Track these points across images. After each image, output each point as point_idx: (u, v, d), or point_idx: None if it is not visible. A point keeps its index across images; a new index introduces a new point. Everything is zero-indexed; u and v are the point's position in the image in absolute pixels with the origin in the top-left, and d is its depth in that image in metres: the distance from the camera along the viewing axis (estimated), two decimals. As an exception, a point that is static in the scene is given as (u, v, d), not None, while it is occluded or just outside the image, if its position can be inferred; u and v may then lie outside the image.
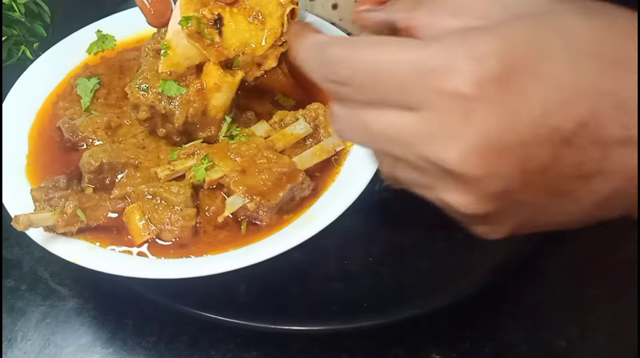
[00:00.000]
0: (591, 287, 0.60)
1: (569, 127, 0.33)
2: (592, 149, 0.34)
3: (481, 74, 0.33)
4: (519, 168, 0.34)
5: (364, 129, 0.38)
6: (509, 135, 0.34)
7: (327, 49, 0.37)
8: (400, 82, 0.36)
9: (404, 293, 0.58)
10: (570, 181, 0.35)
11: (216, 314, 0.55)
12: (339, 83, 0.38)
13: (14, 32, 0.66)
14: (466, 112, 0.34)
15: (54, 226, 0.51)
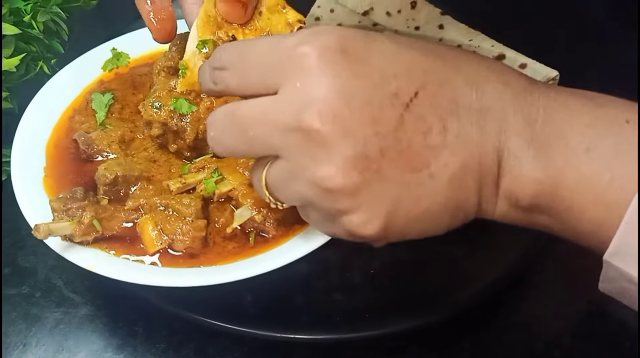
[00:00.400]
0: (584, 301, 0.63)
1: (406, 93, 0.39)
2: (432, 118, 0.40)
3: (323, 43, 0.39)
4: (371, 128, 0.39)
5: (235, 120, 0.42)
6: (355, 93, 0.39)
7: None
8: (261, 58, 0.41)
9: (404, 304, 0.60)
10: (421, 152, 0.40)
11: (223, 322, 0.57)
12: (217, 68, 0.44)
13: (33, 49, 0.68)
14: (317, 77, 0.39)
15: (71, 235, 0.53)
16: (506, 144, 0.41)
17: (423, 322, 0.59)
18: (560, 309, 0.62)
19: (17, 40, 0.66)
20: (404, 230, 0.42)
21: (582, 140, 0.41)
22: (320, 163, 0.39)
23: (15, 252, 0.66)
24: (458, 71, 0.42)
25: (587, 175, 0.40)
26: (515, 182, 0.42)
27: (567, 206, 0.42)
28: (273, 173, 0.42)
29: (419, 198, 0.41)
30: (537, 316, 0.62)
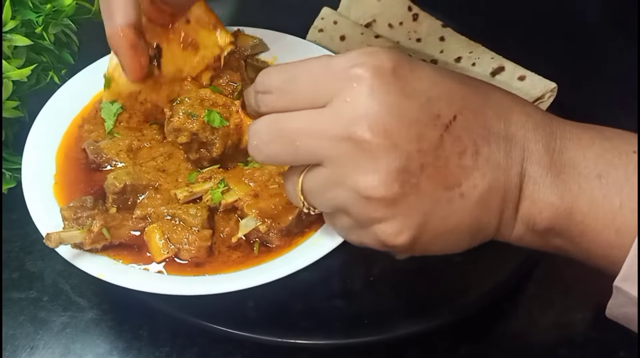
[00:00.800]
0: (580, 310, 0.64)
1: (446, 115, 0.42)
2: (467, 141, 0.43)
3: (376, 64, 0.42)
4: (415, 145, 0.42)
5: (281, 130, 0.44)
6: (404, 111, 0.41)
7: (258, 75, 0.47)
8: (311, 77, 0.43)
9: (403, 311, 0.61)
10: (456, 171, 0.42)
11: (226, 327, 0.59)
12: (262, 92, 0.46)
13: (44, 59, 0.70)
14: (369, 93, 0.41)
15: (81, 243, 0.55)
16: (527, 171, 0.45)
17: (422, 328, 0.60)
18: (558, 318, 0.64)
19: (29, 51, 0.68)
20: (430, 244, 0.45)
21: (594, 168, 0.44)
22: (365, 172, 0.42)
23: (24, 257, 0.68)
24: (488, 101, 0.45)
25: (599, 200, 0.44)
26: (533, 206, 0.45)
27: (581, 230, 0.45)
28: (312, 179, 0.44)
29: (448, 215, 0.43)
30: (534, 324, 0.64)
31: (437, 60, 0.83)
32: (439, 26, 0.85)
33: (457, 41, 0.83)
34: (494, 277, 0.63)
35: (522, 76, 0.78)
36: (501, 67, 0.79)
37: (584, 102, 0.82)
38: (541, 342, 0.63)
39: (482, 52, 0.81)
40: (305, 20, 0.86)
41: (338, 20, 0.86)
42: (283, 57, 0.75)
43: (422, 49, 0.84)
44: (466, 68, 0.80)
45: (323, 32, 0.86)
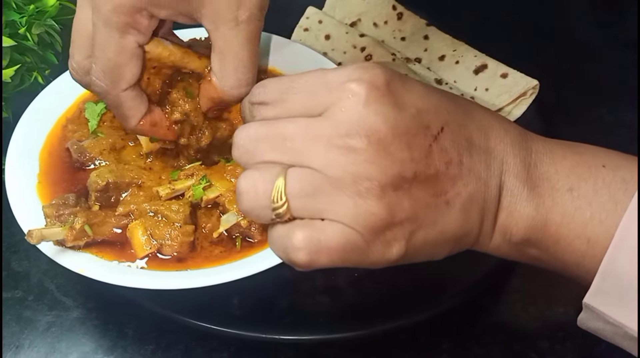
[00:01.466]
0: (562, 305, 0.65)
1: (435, 127, 0.44)
2: (452, 152, 0.45)
3: (371, 79, 0.43)
4: (408, 153, 0.43)
5: (273, 131, 0.44)
6: (397, 121, 0.43)
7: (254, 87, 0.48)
8: (307, 89, 0.44)
9: (385, 306, 0.62)
10: (443, 179, 0.44)
11: (211, 324, 0.59)
12: (257, 103, 0.47)
13: (27, 60, 0.70)
14: (365, 104, 0.43)
15: (63, 240, 0.55)
16: (505, 184, 0.47)
17: (405, 323, 0.61)
18: (538, 312, 0.65)
19: (13, 52, 0.68)
20: (417, 251, 0.46)
21: (566, 182, 0.47)
22: (360, 179, 0.42)
23: (9, 256, 0.68)
24: (471, 116, 0.47)
25: (571, 212, 0.46)
26: (510, 218, 0.47)
27: (555, 240, 0.47)
28: (301, 181, 0.43)
29: (435, 221, 0.45)
30: (515, 318, 0.65)
31: (421, 59, 0.83)
32: (423, 25, 0.86)
33: (441, 39, 0.84)
34: (477, 272, 0.64)
35: (504, 74, 0.79)
36: (484, 65, 0.80)
37: (566, 100, 0.83)
38: (523, 335, 0.63)
39: (465, 51, 0.82)
40: (291, 20, 0.87)
41: (323, 20, 0.87)
42: (266, 56, 0.76)
43: (406, 48, 0.85)
44: (450, 66, 0.81)
45: (308, 31, 0.86)
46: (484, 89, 0.79)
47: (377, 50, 0.82)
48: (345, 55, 0.84)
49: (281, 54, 0.76)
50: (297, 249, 0.43)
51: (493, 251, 0.49)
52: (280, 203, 0.43)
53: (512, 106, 0.78)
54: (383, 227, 0.43)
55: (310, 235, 0.43)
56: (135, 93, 0.55)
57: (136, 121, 0.56)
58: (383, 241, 0.44)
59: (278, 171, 0.43)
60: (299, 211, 0.43)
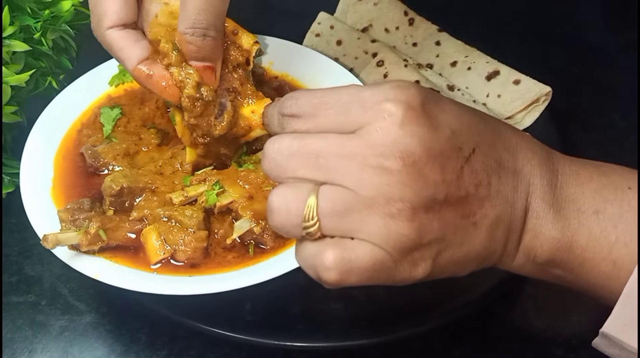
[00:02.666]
0: (576, 313, 0.64)
1: (467, 148, 0.44)
2: (482, 174, 0.45)
3: (407, 100, 0.43)
4: (440, 175, 0.43)
5: (306, 146, 0.44)
6: (432, 143, 0.43)
7: (284, 97, 0.47)
8: (341, 106, 0.44)
9: (398, 314, 0.62)
10: (472, 201, 0.44)
11: (223, 330, 0.59)
12: (288, 115, 0.46)
13: (42, 65, 0.71)
14: (401, 125, 0.43)
15: (78, 245, 0.55)
16: (532, 205, 0.47)
17: (418, 330, 0.61)
18: (552, 320, 0.64)
19: (27, 57, 0.68)
20: (442, 270, 0.46)
21: (592, 204, 0.47)
22: (393, 200, 0.42)
23: (23, 261, 0.68)
24: (499, 136, 0.47)
25: (597, 235, 0.47)
26: (535, 239, 0.47)
27: (580, 262, 0.47)
28: (333, 199, 0.43)
29: (462, 242, 0.45)
30: (529, 326, 0.64)
31: (432, 64, 0.83)
32: (434, 31, 0.86)
33: (452, 45, 0.84)
34: (490, 279, 0.63)
35: (517, 80, 0.78)
36: (496, 71, 0.80)
37: (577, 106, 0.82)
38: (536, 343, 0.63)
39: (477, 57, 0.82)
40: (302, 26, 0.87)
41: (335, 25, 0.87)
42: (279, 62, 0.76)
43: (418, 53, 0.84)
44: (462, 72, 0.81)
45: (320, 36, 0.87)
46: (496, 95, 0.79)
47: (389, 56, 0.81)
48: (356, 60, 0.84)
49: (293, 59, 0.76)
50: (328, 269, 0.43)
51: (516, 270, 0.49)
52: (312, 223, 0.43)
53: (524, 112, 0.78)
54: (412, 248, 0.43)
55: (341, 255, 0.43)
56: (123, 33, 0.55)
57: (131, 63, 0.56)
58: (410, 260, 0.44)
59: (310, 189, 0.43)
60: (329, 230, 0.43)
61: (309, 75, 0.75)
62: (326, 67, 0.75)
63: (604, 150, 0.78)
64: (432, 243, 0.44)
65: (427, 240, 0.43)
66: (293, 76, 0.76)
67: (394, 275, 0.44)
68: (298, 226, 0.44)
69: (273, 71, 0.76)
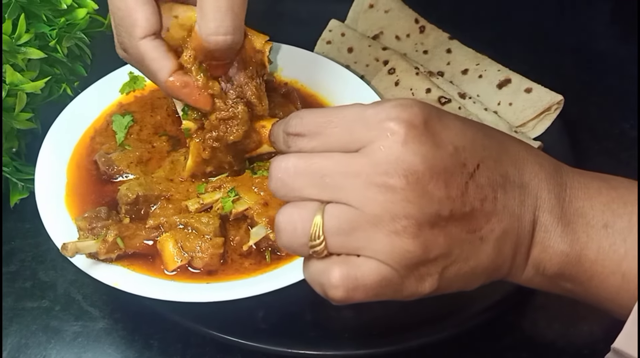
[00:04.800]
0: (586, 323, 0.64)
1: (471, 164, 0.44)
2: (487, 189, 0.45)
3: (409, 118, 0.44)
4: (445, 192, 0.43)
5: (311, 166, 0.44)
6: (435, 160, 0.43)
7: (289, 116, 0.47)
8: (345, 125, 0.45)
9: (410, 322, 0.62)
10: (478, 216, 0.44)
11: (236, 337, 0.59)
12: (293, 134, 0.46)
13: (57, 72, 0.71)
14: (404, 143, 0.43)
15: (96, 253, 0.56)
16: (539, 219, 0.47)
17: (429, 339, 0.61)
18: (563, 330, 0.64)
19: (42, 64, 0.69)
20: (449, 285, 0.46)
21: (601, 218, 0.47)
22: (397, 217, 0.43)
23: (36, 266, 0.68)
24: (505, 150, 0.48)
25: (606, 249, 0.47)
26: (544, 253, 0.48)
27: (589, 276, 0.47)
28: (338, 217, 0.43)
29: (469, 257, 0.45)
30: (540, 336, 0.64)
31: (443, 72, 0.84)
32: (445, 38, 0.86)
33: (463, 53, 0.84)
34: (501, 288, 0.63)
35: (528, 88, 0.79)
36: (508, 80, 0.80)
37: (588, 114, 0.83)
38: (547, 353, 0.63)
39: (488, 65, 0.82)
40: (313, 33, 0.87)
41: (346, 33, 0.87)
42: (290, 69, 0.77)
43: (428, 61, 0.85)
44: (473, 80, 0.81)
45: (331, 44, 0.87)
46: (508, 103, 0.79)
47: (400, 63, 0.82)
48: (367, 68, 0.84)
49: (303, 66, 0.76)
50: (335, 286, 0.44)
51: (525, 283, 0.50)
52: (319, 241, 0.44)
53: (536, 120, 0.78)
54: (418, 263, 0.44)
55: (347, 273, 0.43)
56: (155, 43, 0.55)
57: (164, 74, 0.56)
58: (417, 276, 0.44)
59: (316, 208, 0.44)
60: (336, 248, 0.44)
61: (319, 82, 0.76)
62: (337, 74, 0.76)
63: (615, 159, 0.78)
64: (439, 258, 0.44)
65: (433, 256, 0.44)
66: (303, 83, 0.76)
67: (400, 290, 0.45)
68: (305, 245, 0.44)
69: (283, 78, 0.77)
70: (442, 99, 0.78)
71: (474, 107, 0.78)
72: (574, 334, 0.64)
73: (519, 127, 0.78)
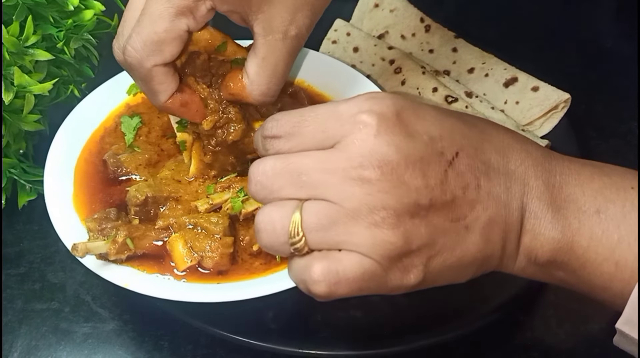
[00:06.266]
0: (597, 321, 0.64)
1: (449, 152, 0.44)
2: (469, 176, 0.45)
3: (381, 110, 0.44)
4: (422, 181, 0.43)
5: (288, 166, 0.44)
6: (410, 150, 0.43)
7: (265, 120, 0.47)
8: (319, 123, 0.45)
9: (420, 322, 0.62)
10: (461, 204, 0.44)
11: (246, 338, 0.59)
12: (270, 137, 0.46)
13: (64, 73, 0.71)
14: (376, 135, 0.43)
15: (106, 253, 0.56)
16: (528, 206, 0.46)
17: (439, 339, 0.61)
18: (574, 328, 0.64)
19: (50, 65, 0.69)
20: (437, 277, 0.46)
21: (593, 204, 0.47)
22: (375, 209, 0.42)
23: (45, 268, 0.69)
24: (488, 138, 0.47)
25: (598, 235, 0.46)
26: (534, 240, 0.47)
27: (581, 263, 0.47)
28: (317, 214, 0.43)
29: (454, 247, 0.45)
30: (550, 334, 0.64)
31: (449, 71, 0.83)
32: (451, 37, 0.86)
33: (469, 52, 0.84)
34: (511, 287, 0.63)
35: (535, 87, 0.78)
36: (514, 78, 0.80)
37: (594, 112, 0.82)
38: (558, 351, 0.63)
39: (495, 63, 0.82)
40: (318, 33, 0.87)
41: (351, 32, 0.87)
42: (296, 69, 0.76)
43: (434, 60, 0.85)
44: (479, 79, 0.81)
45: (336, 44, 0.87)
46: (514, 102, 0.79)
47: (406, 62, 0.82)
48: (373, 67, 0.84)
49: (309, 66, 0.76)
50: (316, 282, 0.44)
51: (518, 272, 0.49)
52: (298, 238, 0.44)
53: (543, 119, 0.78)
54: (400, 255, 0.43)
55: (328, 267, 0.43)
56: (167, 69, 0.55)
57: (166, 97, 0.56)
58: (401, 268, 0.44)
59: (294, 206, 0.44)
60: (316, 244, 0.44)
61: (326, 81, 0.76)
62: (343, 74, 0.76)
63: (623, 157, 0.78)
64: (422, 248, 0.43)
65: (415, 246, 0.43)
66: (309, 83, 0.76)
67: (385, 283, 0.44)
68: (285, 244, 0.44)
69: (289, 78, 0.77)
70: (449, 98, 0.78)
71: (481, 106, 0.78)
72: (584, 333, 0.64)
73: (526, 126, 0.78)
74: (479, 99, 0.79)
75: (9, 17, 0.64)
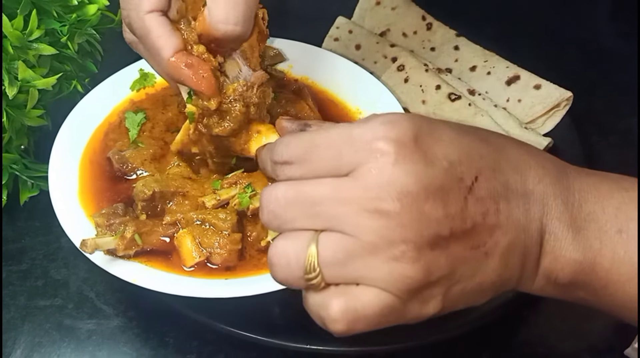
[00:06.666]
0: (601, 318, 0.64)
1: (468, 177, 0.42)
2: (488, 201, 0.43)
3: (398, 136, 0.42)
4: (442, 211, 0.41)
5: (301, 195, 0.42)
6: (429, 179, 0.41)
7: (274, 143, 0.45)
8: (332, 148, 0.43)
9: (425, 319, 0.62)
10: (481, 231, 0.42)
11: (252, 334, 0.59)
12: (280, 163, 0.44)
13: (67, 68, 0.71)
14: (394, 164, 0.41)
15: (114, 249, 0.55)
16: (548, 227, 0.45)
17: (444, 336, 0.61)
18: (578, 325, 0.64)
19: (53, 60, 0.68)
20: (455, 303, 0.45)
21: (615, 223, 0.45)
22: (394, 243, 0.41)
23: (48, 264, 0.68)
24: (505, 156, 0.45)
25: (621, 255, 0.45)
26: (555, 262, 0.46)
27: (603, 284, 0.46)
28: (333, 247, 0.42)
29: (474, 274, 0.43)
30: (555, 331, 0.64)
31: (451, 69, 0.84)
32: (453, 35, 0.86)
33: (471, 50, 0.84)
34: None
35: (537, 85, 0.79)
36: (516, 76, 0.80)
37: (595, 110, 0.83)
38: (563, 348, 0.63)
39: (496, 61, 0.82)
40: (320, 30, 0.87)
41: (353, 30, 0.87)
42: (300, 66, 0.76)
43: (436, 58, 0.85)
44: (481, 77, 0.81)
45: (338, 41, 0.87)
46: (517, 100, 0.79)
47: (409, 60, 0.82)
48: (376, 65, 0.84)
49: (313, 62, 0.76)
50: (335, 321, 0.42)
51: (537, 292, 0.48)
52: (314, 274, 0.42)
53: (545, 117, 0.78)
54: (420, 288, 0.42)
55: (346, 305, 0.42)
56: (162, 20, 0.53)
57: (168, 52, 0.53)
58: (420, 299, 0.42)
59: (309, 238, 0.42)
60: (333, 278, 0.42)
61: (330, 78, 0.76)
62: (347, 70, 0.76)
63: (623, 155, 0.79)
64: (442, 279, 0.42)
65: (435, 278, 0.42)
66: (313, 79, 0.76)
67: (403, 315, 0.43)
68: (301, 279, 0.43)
69: (293, 74, 0.77)
70: (452, 96, 0.78)
71: (483, 103, 0.78)
72: (589, 329, 0.64)
73: (528, 123, 0.78)
74: (481, 96, 0.80)
75: (13, 10, 0.64)
